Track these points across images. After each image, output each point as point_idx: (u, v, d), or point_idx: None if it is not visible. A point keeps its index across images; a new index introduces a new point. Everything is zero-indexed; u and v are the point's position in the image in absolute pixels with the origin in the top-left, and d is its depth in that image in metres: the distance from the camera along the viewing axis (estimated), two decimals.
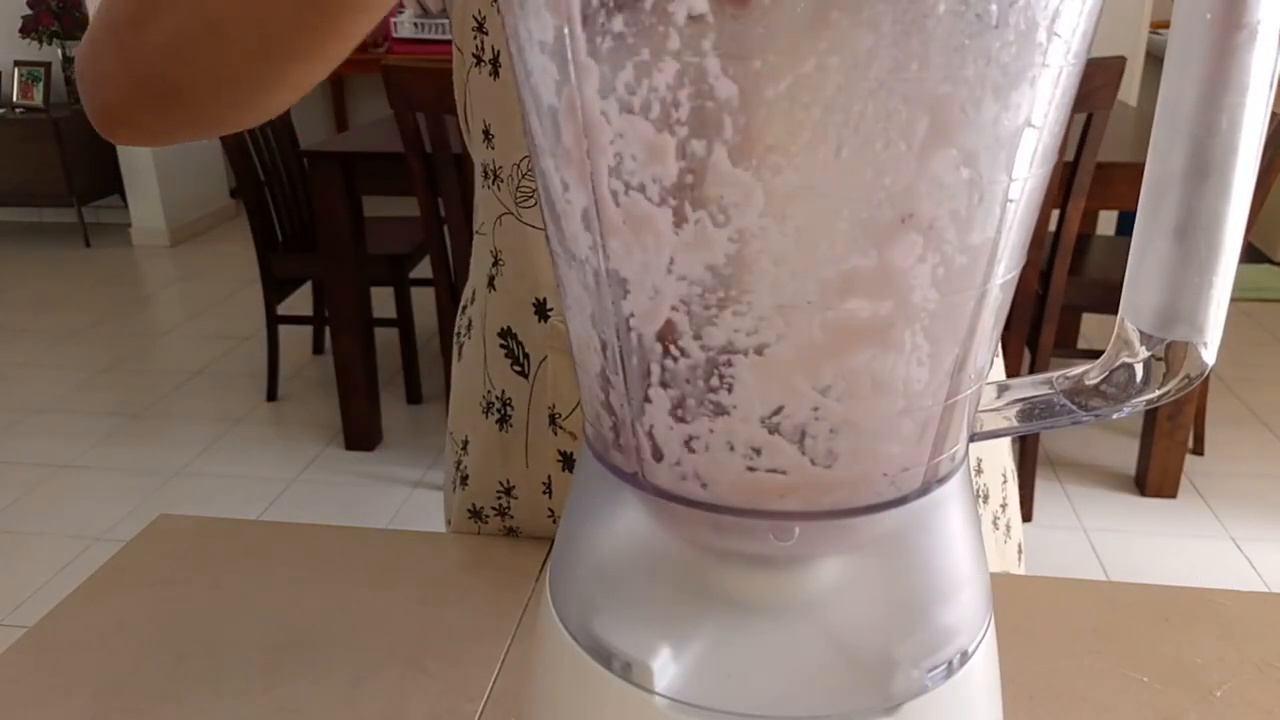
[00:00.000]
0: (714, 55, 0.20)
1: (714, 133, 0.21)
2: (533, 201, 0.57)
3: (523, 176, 0.56)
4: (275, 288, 2.56)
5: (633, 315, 0.25)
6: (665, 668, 0.28)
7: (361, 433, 2.45)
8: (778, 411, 0.25)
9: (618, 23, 0.21)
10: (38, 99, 4.08)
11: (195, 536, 0.66)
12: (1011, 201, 0.24)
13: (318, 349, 3.01)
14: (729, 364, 0.24)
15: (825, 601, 0.30)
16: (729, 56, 0.20)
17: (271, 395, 2.72)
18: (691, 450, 0.26)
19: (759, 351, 0.24)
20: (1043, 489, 2.19)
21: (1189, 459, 2.26)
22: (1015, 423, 0.31)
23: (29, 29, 4.09)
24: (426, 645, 0.55)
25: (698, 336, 0.24)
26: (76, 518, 2.17)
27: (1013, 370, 2.00)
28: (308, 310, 2.84)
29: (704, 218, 0.22)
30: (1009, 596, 0.58)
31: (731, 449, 0.26)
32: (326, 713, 0.50)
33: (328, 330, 2.64)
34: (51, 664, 0.54)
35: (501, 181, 0.58)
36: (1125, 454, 2.33)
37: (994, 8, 0.20)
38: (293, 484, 2.32)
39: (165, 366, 2.98)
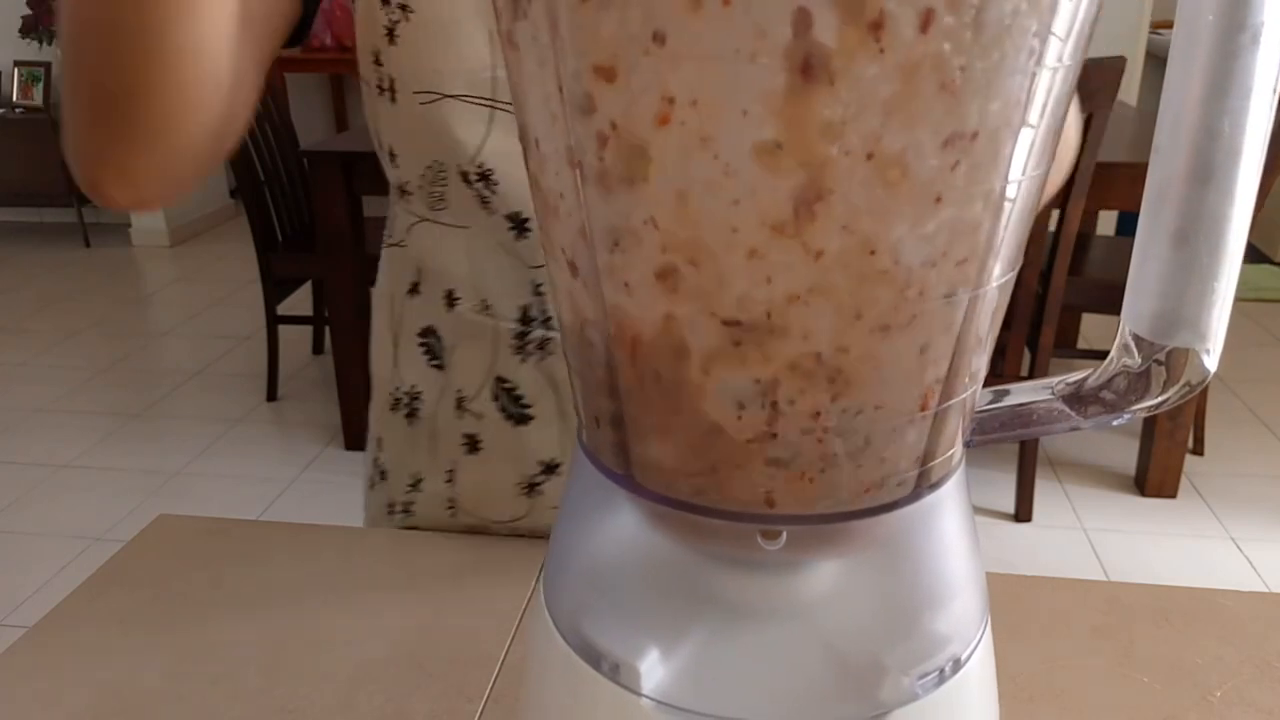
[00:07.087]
0: (692, 59, 0.20)
1: (697, 140, 0.21)
2: (444, 204, 0.61)
3: (430, 184, 0.61)
4: (275, 288, 2.56)
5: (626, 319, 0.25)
6: (652, 670, 0.28)
7: (361, 433, 2.44)
8: (772, 418, 0.25)
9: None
10: (38, 99, 4.07)
11: (195, 536, 0.65)
12: (1008, 201, 0.24)
13: (318, 349, 3.00)
14: (723, 370, 0.24)
15: (815, 606, 0.29)
16: (711, 61, 0.20)
17: (271, 395, 2.71)
18: (683, 454, 0.26)
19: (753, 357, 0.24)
20: (1043, 489, 2.18)
21: (1189, 459, 2.26)
22: (1014, 428, 0.30)
23: (29, 29, 4.08)
24: (426, 645, 0.55)
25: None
26: (76, 518, 2.17)
27: (1013, 370, 2.00)
28: (308, 310, 2.83)
29: (692, 230, 0.22)
30: (1009, 596, 0.58)
31: (723, 452, 0.25)
32: (326, 713, 0.50)
33: (328, 330, 2.63)
34: (51, 664, 0.54)
35: (412, 194, 0.63)
36: (1125, 454, 2.32)
37: (986, 8, 0.20)
38: (293, 484, 2.31)
39: (165, 366, 2.98)
